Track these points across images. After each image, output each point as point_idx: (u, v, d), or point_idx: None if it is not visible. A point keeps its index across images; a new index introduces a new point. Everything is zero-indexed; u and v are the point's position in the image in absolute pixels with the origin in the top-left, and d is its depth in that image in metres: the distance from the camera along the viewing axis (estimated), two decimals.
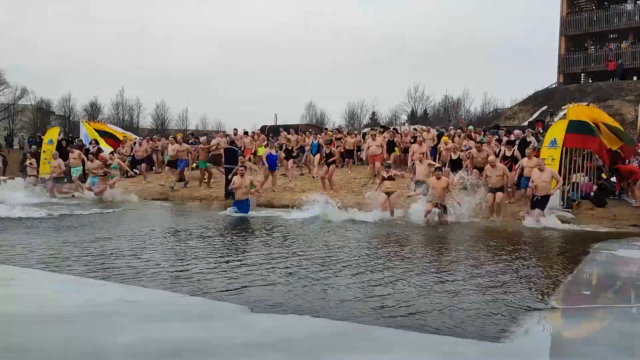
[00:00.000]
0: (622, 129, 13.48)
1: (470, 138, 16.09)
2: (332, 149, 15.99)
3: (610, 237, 9.83)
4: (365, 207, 12.34)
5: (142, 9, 74.54)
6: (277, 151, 15.86)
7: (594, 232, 10.47)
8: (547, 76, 64.52)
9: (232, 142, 16.48)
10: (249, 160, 15.79)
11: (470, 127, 19.54)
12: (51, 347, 3.93)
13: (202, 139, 18.28)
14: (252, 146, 19.15)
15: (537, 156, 12.15)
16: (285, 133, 20.29)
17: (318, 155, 17.20)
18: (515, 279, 6.28)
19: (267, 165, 15.05)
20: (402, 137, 18.49)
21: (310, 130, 20.75)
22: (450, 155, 14.64)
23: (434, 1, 75.35)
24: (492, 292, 5.61)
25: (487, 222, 11.59)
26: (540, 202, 11.41)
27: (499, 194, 12.02)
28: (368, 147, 16.12)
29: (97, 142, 18.41)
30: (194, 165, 17.56)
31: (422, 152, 14.47)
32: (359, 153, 18.28)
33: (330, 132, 21.31)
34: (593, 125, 12.11)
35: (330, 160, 15.18)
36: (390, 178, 12.37)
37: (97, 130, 19.69)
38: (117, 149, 19.36)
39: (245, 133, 21.32)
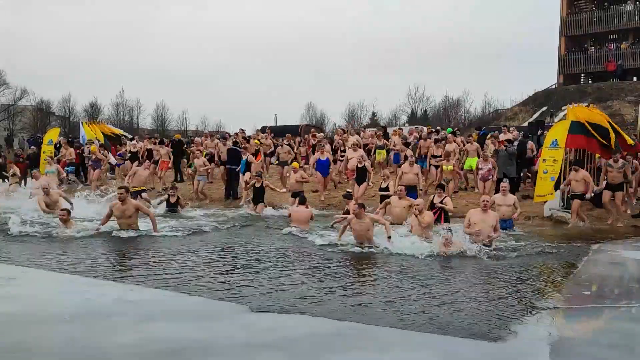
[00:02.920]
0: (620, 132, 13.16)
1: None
2: (264, 182, 12.49)
3: (610, 237, 9.82)
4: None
5: (142, 9, 74.51)
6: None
7: (594, 232, 10.45)
8: (547, 77, 64.35)
9: (234, 143, 15.81)
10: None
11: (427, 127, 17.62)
12: (51, 347, 3.93)
13: (196, 140, 17.86)
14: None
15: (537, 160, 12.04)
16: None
17: (248, 175, 13.63)
18: (515, 280, 6.29)
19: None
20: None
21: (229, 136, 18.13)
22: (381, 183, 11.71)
23: (435, 1, 75.41)
24: (492, 293, 5.62)
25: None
26: None
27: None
28: (347, 160, 13.43)
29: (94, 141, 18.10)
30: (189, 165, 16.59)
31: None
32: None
33: (257, 141, 16.94)
34: (590, 127, 11.89)
35: (259, 205, 12.25)
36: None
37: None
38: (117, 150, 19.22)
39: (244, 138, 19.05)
